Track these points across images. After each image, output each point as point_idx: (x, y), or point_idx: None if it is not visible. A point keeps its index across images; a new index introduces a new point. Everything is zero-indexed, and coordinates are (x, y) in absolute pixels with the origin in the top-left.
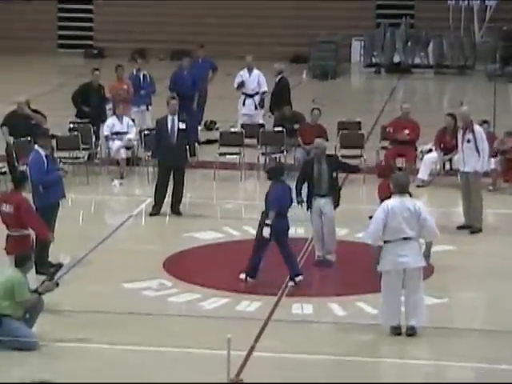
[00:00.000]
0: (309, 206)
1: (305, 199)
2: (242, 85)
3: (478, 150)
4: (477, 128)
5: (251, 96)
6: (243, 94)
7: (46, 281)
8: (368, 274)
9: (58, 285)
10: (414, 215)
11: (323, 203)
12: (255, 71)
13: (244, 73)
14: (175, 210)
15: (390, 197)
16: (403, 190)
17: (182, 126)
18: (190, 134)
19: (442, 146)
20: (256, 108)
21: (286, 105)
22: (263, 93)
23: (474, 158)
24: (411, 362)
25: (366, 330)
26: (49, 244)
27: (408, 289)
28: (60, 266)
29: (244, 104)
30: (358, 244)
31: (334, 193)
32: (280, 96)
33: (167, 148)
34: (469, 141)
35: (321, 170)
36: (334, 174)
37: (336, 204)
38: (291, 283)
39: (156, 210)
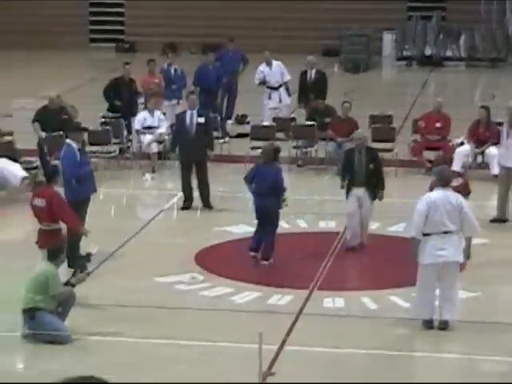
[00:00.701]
0: (347, 195)
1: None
2: (263, 82)
3: None
4: None
5: (276, 89)
6: (268, 87)
7: (78, 272)
8: (400, 268)
9: (89, 274)
10: (456, 209)
11: (362, 193)
12: (275, 63)
13: (264, 68)
14: (206, 205)
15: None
16: (447, 184)
17: (201, 120)
18: (211, 129)
19: (474, 138)
20: (280, 100)
21: (324, 98)
22: (287, 82)
23: None
24: (445, 355)
25: (398, 323)
26: (80, 238)
27: (445, 283)
28: (89, 255)
29: (270, 98)
30: (389, 237)
31: (372, 184)
32: (320, 89)
33: (187, 142)
34: None
35: (361, 161)
36: (372, 166)
37: (375, 195)
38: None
39: (187, 204)
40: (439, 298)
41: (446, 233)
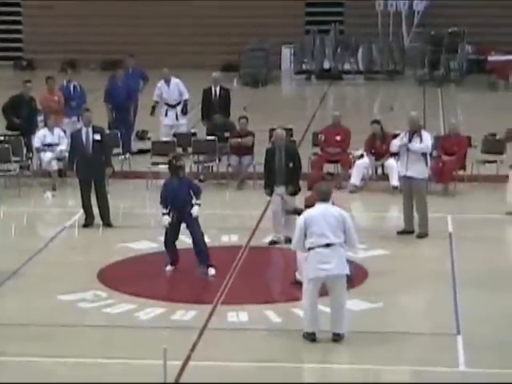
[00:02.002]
0: (271, 192)
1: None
2: (158, 101)
3: (423, 155)
4: (425, 134)
5: (173, 106)
6: (165, 104)
7: None
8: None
9: None
10: (339, 222)
11: (283, 191)
12: (173, 81)
13: (162, 85)
14: (105, 223)
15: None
16: (326, 198)
17: (97, 137)
18: (107, 145)
19: (372, 151)
20: (177, 118)
21: (228, 114)
22: (185, 100)
23: (418, 163)
24: (348, 367)
25: (299, 335)
26: None
27: (333, 296)
28: None
29: (167, 115)
30: (292, 250)
31: (291, 181)
32: (225, 105)
33: (84, 160)
34: None
35: (281, 160)
36: (291, 164)
37: (294, 190)
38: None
39: (89, 222)
40: (331, 312)
41: (328, 245)
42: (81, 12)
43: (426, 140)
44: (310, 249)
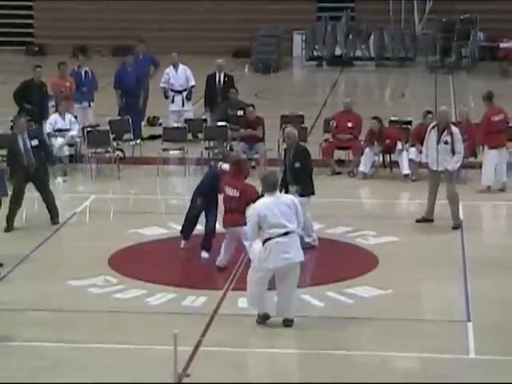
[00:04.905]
0: (286, 192)
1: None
2: (165, 86)
3: (453, 151)
4: (455, 129)
5: (180, 92)
6: (172, 90)
7: None
8: (312, 267)
9: None
10: (291, 208)
11: (293, 191)
12: (181, 66)
13: (170, 70)
14: (53, 221)
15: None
16: (274, 189)
17: (35, 142)
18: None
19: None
20: (183, 105)
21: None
22: (191, 87)
23: (448, 158)
24: (357, 353)
25: (312, 322)
26: None
27: (285, 282)
28: None
29: (173, 101)
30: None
31: (297, 181)
32: (228, 91)
33: (21, 166)
34: (446, 142)
35: (290, 159)
36: (297, 164)
37: (303, 192)
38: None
39: (8, 225)
40: (278, 298)
41: (286, 234)
42: None
43: (459, 144)
44: (267, 239)
